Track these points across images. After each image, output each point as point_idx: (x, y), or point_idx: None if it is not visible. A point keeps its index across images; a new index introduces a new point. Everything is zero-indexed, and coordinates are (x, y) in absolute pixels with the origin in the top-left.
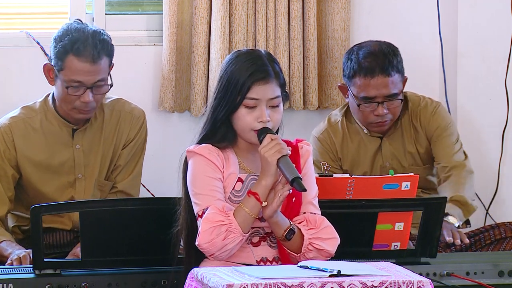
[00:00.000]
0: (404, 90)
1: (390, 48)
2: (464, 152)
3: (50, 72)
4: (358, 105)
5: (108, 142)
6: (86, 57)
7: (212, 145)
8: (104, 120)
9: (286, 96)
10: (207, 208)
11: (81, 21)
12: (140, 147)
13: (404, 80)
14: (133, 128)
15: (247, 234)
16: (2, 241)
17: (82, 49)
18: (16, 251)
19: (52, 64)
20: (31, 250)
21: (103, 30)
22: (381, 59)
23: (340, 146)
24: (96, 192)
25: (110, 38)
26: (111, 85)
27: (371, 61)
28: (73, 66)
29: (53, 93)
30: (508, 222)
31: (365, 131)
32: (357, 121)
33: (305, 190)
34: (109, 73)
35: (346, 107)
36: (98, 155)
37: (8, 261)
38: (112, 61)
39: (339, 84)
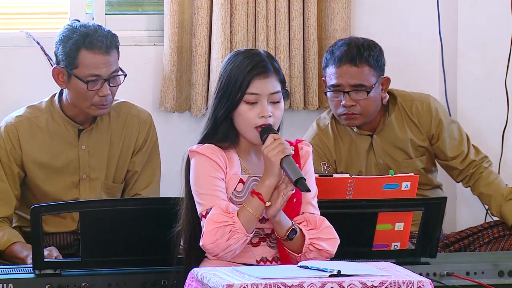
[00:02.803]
0: (396, 90)
1: (367, 43)
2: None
3: (59, 76)
4: (325, 93)
5: (115, 144)
6: (99, 48)
7: (215, 145)
8: (110, 122)
9: (286, 94)
10: (211, 208)
11: (79, 20)
12: (154, 150)
13: (385, 80)
14: (141, 132)
15: (251, 234)
16: (15, 243)
17: (95, 41)
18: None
19: (62, 66)
20: (53, 247)
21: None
22: (351, 49)
23: (334, 148)
24: (103, 195)
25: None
26: (125, 75)
27: (342, 51)
28: (88, 60)
29: (59, 93)
30: None
31: (355, 129)
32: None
33: (309, 190)
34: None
35: None
36: (104, 157)
37: (29, 261)
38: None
39: (323, 78)
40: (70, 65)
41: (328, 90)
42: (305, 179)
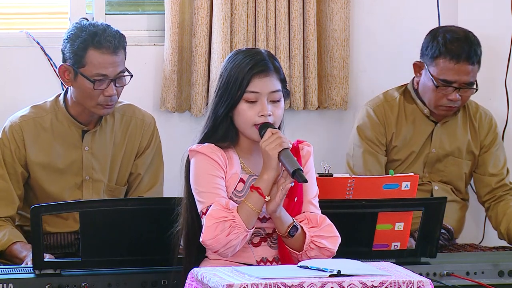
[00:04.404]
0: None
1: (475, 38)
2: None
3: (65, 73)
4: (437, 86)
5: (118, 147)
6: (108, 48)
7: (214, 145)
8: (114, 124)
9: (287, 93)
10: (211, 205)
11: (87, 19)
12: (157, 153)
13: None
14: (145, 134)
15: (251, 230)
16: (15, 243)
17: (103, 41)
18: (31, 253)
19: (69, 64)
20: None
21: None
22: (468, 46)
23: (396, 121)
24: (106, 197)
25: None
26: (131, 76)
27: (458, 47)
28: (95, 59)
29: (64, 93)
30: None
31: (425, 111)
32: (420, 101)
33: (306, 181)
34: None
35: (404, 88)
36: (107, 158)
37: (24, 264)
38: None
39: (414, 61)
40: (77, 64)
41: (440, 84)
42: (302, 170)
